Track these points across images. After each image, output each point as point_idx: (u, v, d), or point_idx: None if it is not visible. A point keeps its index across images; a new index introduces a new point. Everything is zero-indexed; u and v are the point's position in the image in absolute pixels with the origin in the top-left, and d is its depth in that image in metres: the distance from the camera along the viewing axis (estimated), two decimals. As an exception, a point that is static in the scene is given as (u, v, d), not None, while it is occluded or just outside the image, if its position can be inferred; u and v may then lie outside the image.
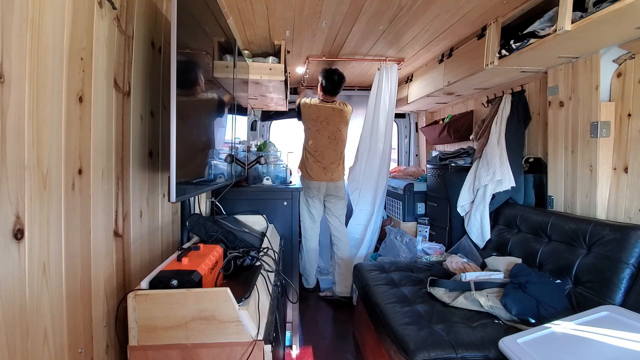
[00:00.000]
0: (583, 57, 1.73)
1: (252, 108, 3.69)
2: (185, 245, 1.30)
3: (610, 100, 1.67)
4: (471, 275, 1.75)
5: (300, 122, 2.85)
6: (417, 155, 4.04)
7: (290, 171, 2.42)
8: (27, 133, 0.68)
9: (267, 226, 2.00)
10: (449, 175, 2.63)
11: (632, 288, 1.38)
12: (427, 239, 2.85)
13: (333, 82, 2.66)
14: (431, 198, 2.92)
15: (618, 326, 1.16)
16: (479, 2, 1.74)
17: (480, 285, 1.64)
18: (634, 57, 1.58)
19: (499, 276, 1.73)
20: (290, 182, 2.33)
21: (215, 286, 1.14)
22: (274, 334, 1.09)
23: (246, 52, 2.52)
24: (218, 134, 1.66)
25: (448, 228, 2.63)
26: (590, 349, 1.09)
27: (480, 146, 2.36)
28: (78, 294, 0.86)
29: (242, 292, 1.06)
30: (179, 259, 1.13)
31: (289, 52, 2.61)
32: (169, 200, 1.04)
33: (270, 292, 1.24)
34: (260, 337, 0.99)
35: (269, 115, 3.83)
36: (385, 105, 2.86)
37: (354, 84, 3.80)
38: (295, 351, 2.09)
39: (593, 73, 1.69)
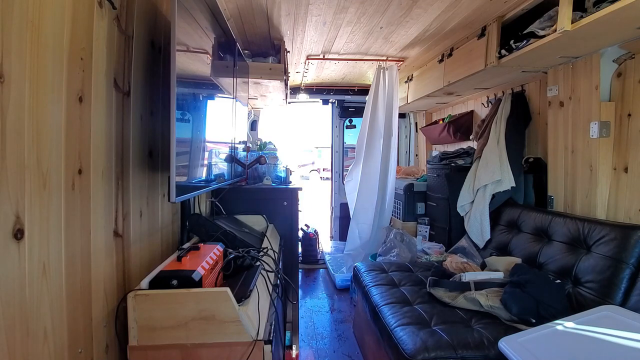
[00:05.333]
0: (583, 57, 1.73)
1: (252, 108, 3.69)
2: (185, 245, 1.30)
3: (610, 100, 1.67)
4: (471, 275, 1.75)
5: None
6: (417, 155, 4.04)
7: (290, 171, 2.42)
8: (27, 133, 0.68)
9: (267, 226, 2.00)
10: (449, 175, 2.62)
11: (632, 288, 1.38)
12: (427, 238, 2.85)
13: None
14: (431, 198, 2.92)
15: (618, 326, 1.16)
16: (479, 2, 1.74)
17: (480, 285, 1.64)
18: (634, 57, 1.58)
19: (498, 276, 1.73)
20: (290, 182, 2.33)
21: (215, 286, 1.14)
22: (274, 334, 1.09)
23: (246, 52, 2.52)
24: (218, 134, 1.67)
25: (448, 228, 2.63)
26: (590, 349, 1.08)
27: (480, 146, 2.36)
28: (78, 294, 0.86)
29: (242, 292, 1.06)
30: (179, 259, 1.13)
31: (288, 51, 2.61)
32: (169, 200, 1.04)
33: (270, 292, 1.24)
34: (260, 337, 0.99)
35: None
36: (385, 105, 2.86)
37: (353, 85, 3.80)
38: (294, 351, 2.08)
39: (593, 73, 1.69)
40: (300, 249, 3.59)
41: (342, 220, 3.85)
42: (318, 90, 3.86)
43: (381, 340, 1.58)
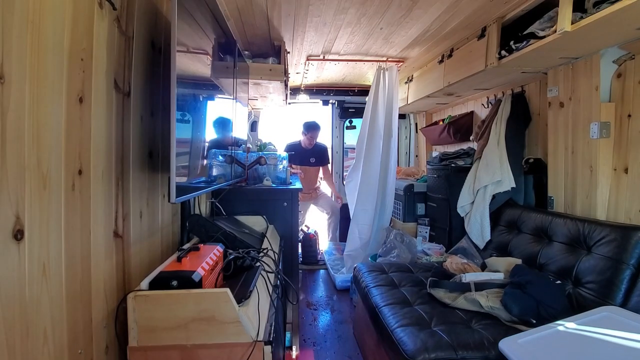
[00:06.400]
0: (583, 57, 1.74)
1: (252, 109, 3.70)
2: (186, 246, 1.30)
3: (610, 101, 1.67)
4: (471, 276, 1.75)
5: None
6: (417, 156, 4.04)
7: (291, 172, 2.42)
8: (27, 133, 0.68)
9: (267, 227, 2.00)
10: (449, 176, 2.62)
11: (632, 289, 1.38)
12: (427, 239, 2.85)
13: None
14: (431, 199, 2.92)
15: (618, 327, 1.16)
16: (479, 2, 1.74)
17: (480, 286, 1.64)
18: (634, 58, 1.58)
19: (499, 277, 1.73)
20: (290, 182, 2.33)
21: (215, 287, 1.14)
22: (274, 335, 1.09)
23: (246, 52, 2.52)
24: (218, 135, 1.67)
25: (448, 229, 2.62)
26: (591, 349, 1.08)
27: (480, 147, 2.36)
28: (78, 295, 0.86)
29: (242, 293, 1.06)
30: (179, 259, 1.13)
31: (288, 52, 2.62)
32: (169, 201, 1.04)
33: (270, 293, 1.24)
34: (260, 338, 0.99)
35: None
36: (385, 106, 2.86)
37: (353, 85, 3.80)
38: (295, 352, 2.08)
39: (593, 74, 1.69)
40: (300, 250, 3.59)
41: (343, 221, 3.85)
42: (318, 91, 3.86)
43: (381, 341, 1.58)
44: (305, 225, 3.76)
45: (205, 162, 1.46)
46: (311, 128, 3.56)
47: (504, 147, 2.20)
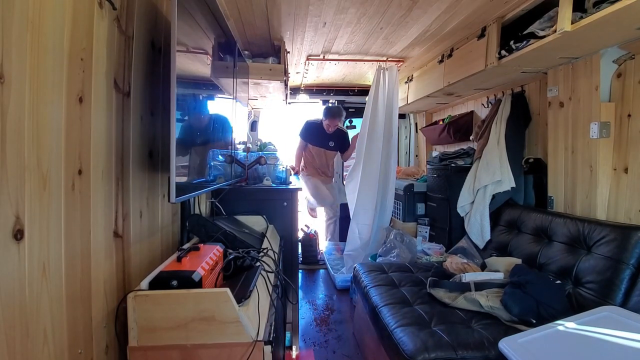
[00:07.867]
0: (583, 57, 1.74)
1: (252, 108, 3.70)
2: (185, 246, 1.29)
3: (610, 101, 1.67)
4: (471, 276, 1.75)
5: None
6: (417, 155, 4.04)
7: (290, 172, 2.42)
8: (27, 133, 0.68)
9: (267, 227, 2.00)
10: (449, 176, 2.63)
11: (632, 289, 1.38)
12: (427, 239, 2.85)
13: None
14: (431, 198, 2.92)
15: (618, 327, 1.16)
16: (479, 2, 1.74)
17: (480, 286, 1.64)
18: (634, 58, 1.58)
19: (499, 277, 1.73)
20: (290, 182, 2.33)
21: (215, 287, 1.14)
22: (274, 335, 1.09)
23: (246, 52, 2.52)
24: (218, 135, 1.67)
25: (448, 228, 2.63)
26: (591, 349, 1.08)
27: (480, 147, 2.36)
28: (78, 295, 0.86)
29: (242, 293, 1.06)
30: (178, 259, 1.13)
31: (288, 52, 2.62)
32: (169, 201, 1.04)
33: (270, 292, 1.24)
34: (260, 337, 0.99)
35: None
36: (385, 106, 2.86)
37: (353, 85, 3.80)
38: (294, 352, 2.08)
39: (593, 73, 1.69)
40: (300, 250, 3.58)
41: (342, 220, 3.85)
42: (318, 90, 3.86)
43: (381, 341, 1.58)
44: (306, 225, 3.76)
45: (205, 161, 1.46)
46: (328, 114, 3.22)
47: (504, 147, 2.20)
